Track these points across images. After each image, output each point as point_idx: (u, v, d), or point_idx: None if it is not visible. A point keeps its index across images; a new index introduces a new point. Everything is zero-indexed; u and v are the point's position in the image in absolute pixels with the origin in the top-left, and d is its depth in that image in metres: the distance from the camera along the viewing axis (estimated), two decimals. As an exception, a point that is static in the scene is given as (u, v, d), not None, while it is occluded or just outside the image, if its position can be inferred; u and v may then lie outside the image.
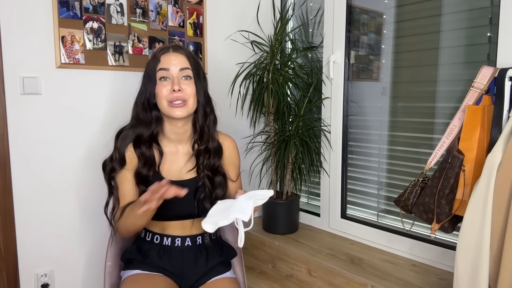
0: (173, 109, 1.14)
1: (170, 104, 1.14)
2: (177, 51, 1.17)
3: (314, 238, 1.89)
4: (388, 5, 1.72)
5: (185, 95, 1.14)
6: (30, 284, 1.56)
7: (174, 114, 1.14)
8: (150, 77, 1.16)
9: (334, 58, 1.84)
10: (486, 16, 1.41)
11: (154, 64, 1.16)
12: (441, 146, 1.24)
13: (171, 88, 1.13)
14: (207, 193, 1.20)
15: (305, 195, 2.22)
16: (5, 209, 1.48)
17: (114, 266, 1.32)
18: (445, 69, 1.54)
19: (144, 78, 1.19)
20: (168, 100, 1.14)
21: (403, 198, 1.30)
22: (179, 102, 1.14)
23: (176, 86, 1.12)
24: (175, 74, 1.14)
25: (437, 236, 1.55)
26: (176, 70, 1.14)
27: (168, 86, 1.14)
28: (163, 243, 1.22)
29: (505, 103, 1.11)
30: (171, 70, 1.14)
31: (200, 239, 1.25)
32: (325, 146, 1.93)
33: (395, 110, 1.73)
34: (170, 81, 1.14)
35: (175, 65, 1.14)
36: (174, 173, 1.21)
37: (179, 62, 1.15)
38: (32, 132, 1.52)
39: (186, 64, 1.16)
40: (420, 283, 1.43)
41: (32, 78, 1.49)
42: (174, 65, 1.14)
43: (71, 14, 1.55)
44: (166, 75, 1.14)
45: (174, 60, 1.14)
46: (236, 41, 2.06)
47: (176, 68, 1.14)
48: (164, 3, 1.80)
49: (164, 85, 1.14)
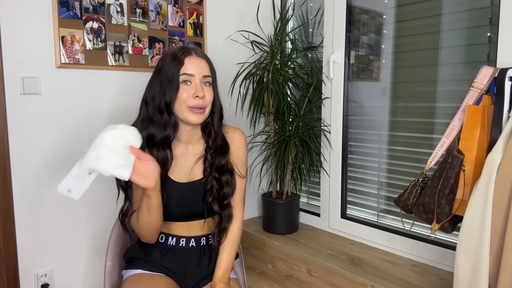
0: (191, 114, 1.11)
1: (189, 108, 1.11)
2: (199, 55, 1.14)
3: (314, 238, 1.89)
4: (388, 5, 1.72)
5: (205, 103, 1.12)
6: (30, 284, 1.56)
7: (190, 119, 1.12)
8: (171, 79, 1.10)
9: (334, 58, 1.84)
10: (486, 16, 1.41)
11: (177, 66, 1.10)
12: (441, 146, 1.24)
13: (194, 94, 1.10)
14: (215, 194, 1.20)
15: (305, 195, 2.22)
16: (5, 209, 1.48)
17: (114, 266, 1.32)
18: (445, 69, 1.54)
19: (161, 77, 1.12)
20: (188, 105, 1.11)
21: (403, 198, 1.30)
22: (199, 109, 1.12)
23: (200, 92, 1.10)
24: (199, 80, 1.11)
25: (437, 236, 1.55)
26: (200, 76, 1.11)
27: (190, 91, 1.10)
28: (167, 243, 1.22)
29: (505, 103, 1.11)
30: (196, 76, 1.11)
31: (204, 240, 1.25)
32: (325, 146, 1.93)
33: (395, 110, 1.73)
34: (192, 86, 1.11)
35: (199, 71, 1.11)
36: (184, 174, 1.20)
37: (203, 69, 1.12)
38: (32, 132, 1.52)
39: (208, 71, 1.14)
40: (420, 283, 1.43)
41: (32, 78, 1.49)
42: (199, 71, 1.11)
43: (71, 14, 1.55)
44: (190, 80, 1.11)
45: (198, 65, 1.12)
46: (236, 41, 2.06)
47: (200, 74, 1.11)
48: (164, 3, 1.80)
49: (185, 89, 1.10)
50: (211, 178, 1.19)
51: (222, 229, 1.23)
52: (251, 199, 2.23)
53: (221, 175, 1.21)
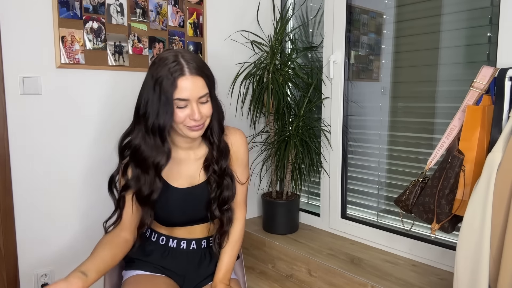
0: (190, 132, 1.09)
1: (187, 127, 1.08)
2: (194, 72, 1.05)
3: (314, 238, 1.89)
4: (388, 5, 1.72)
5: (203, 119, 1.09)
6: (30, 284, 1.56)
7: (190, 135, 1.10)
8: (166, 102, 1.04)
9: (334, 58, 1.84)
10: (486, 16, 1.41)
11: (170, 88, 1.03)
12: (441, 146, 1.24)
13: (190, 116, 1.06)
14: (215, 198, 1.19)
15: (305, 195, 2.22)
16: (5, 209, 1.48)
17: (115, 267, 1.32)
18: (445, 69, 1.54)
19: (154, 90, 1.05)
20: (185, 125, 1.08)
21: (403, 198, 1.30)
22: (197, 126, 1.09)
23: (196, 115, 1.05)
24: (195, 102, 1.06)
25: (437, 236, 1.55)
26: (196, 98, 1.06)
27: (186, 112, 1.05)
28: (168, 245, 1.22)
29: (505, 103, 1.11)
30: (191, 99, 1.05)
31: (205, 242, 1.25)
32: (325, 146, 1.93)
33: (395, 110, 1.73)
34: (188, 107, 1.06)
35: (194, 93, 1.05)
36: (184, 179, 1.19)
37: (198, 89, 1.05)
38: (32, 132, 1.52)
39: (205, 89, 1.07)
40: (420, 283, 1.43)
41: (32, 78, 1.49)
42: (193, 93, 1.05)
43: (71, 14, 1.55)
44: (185, 104, 1.05)
45: (193, 86, 1.05)
46: (236, 41, 2.06)
47: (195, 97, 1.06)
48: (164, 3, 1.80)
49: (182, 111, 1.06)
50: (214, 181, 1.18)
51: (223, 233, 1.22)
52: (251, 199, 2.23)
53: (222, 179, 1.19)
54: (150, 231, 1.25)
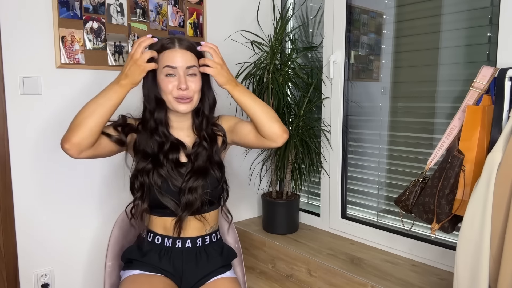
0: (178, 104, 1.16)
1: (176, 99, 1.15)
2: (184, 47, 1.16)
3: (314, 238, 1.89)
4: (388, 5, 1.72)
5: (190, 93, 1.15)
6: (30, 284, 1.56)
7: (179, 109, 1.16)
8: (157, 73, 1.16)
9: (334, 58, 1.84)
10: (486, 16, 1.41)
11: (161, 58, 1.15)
12: (441, 146, 1.24)
13: (178, 85, 1.13)
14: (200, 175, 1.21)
15: (305, 195, 2.22)
16: (5, 209, 1.48)
17: (114, 266, 1.32)
18: (445, 69, 1.54)
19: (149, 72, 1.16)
20: (173, 96, 1.15)
21: (403, 198, 1.30)
22: (185, 99, 1.15)
23: (183, 84, 1.13)
24: (182, 72, 1.14)
25: (437, 236, 1.55)
26: (183, 68, 1.14)
27: (174, 82, 1.14)
28: (164, 244, 1.22)
29: (505, 103, 1.11)
30: (178, 68, 1.14)
31: (200, 241, 1.25)
32: (325, 146, 1.93)
33: (395, 110, 1.73)
34: (176, 77, 1.14)
35: (182, 63, 1.14)
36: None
37: (185, 60, 1.14)
38: (32, 132, 1.52)
39: (192, 61, 1.16)
40: (420, 283, 1.43)
41: (32, 78, 1.49)
42: (182, 63, 1.14)
43: (71, 14, 1.55)
44: (173, 72, 1.14)
45: (181, 57, 1.14)
46: (236, 41, 2.06)
47: (183, 66, 1.14)
48: (164, 3, 1.80)
49: (170, 81, 1.14)
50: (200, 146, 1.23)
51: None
52: (251, 199, 2.23)
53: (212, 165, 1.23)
54: (146, 232, 1.25)
